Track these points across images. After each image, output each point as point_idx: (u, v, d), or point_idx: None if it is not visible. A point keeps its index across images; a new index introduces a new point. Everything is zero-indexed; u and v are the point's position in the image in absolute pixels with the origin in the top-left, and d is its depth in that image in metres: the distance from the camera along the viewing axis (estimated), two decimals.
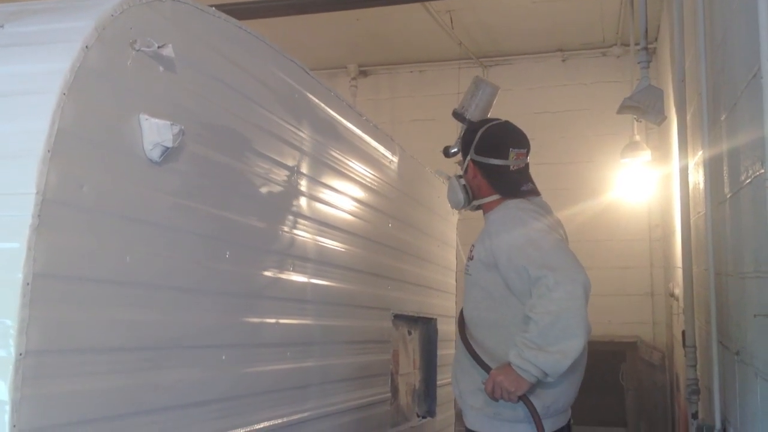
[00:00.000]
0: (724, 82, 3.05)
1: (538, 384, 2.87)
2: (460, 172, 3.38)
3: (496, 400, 2.89)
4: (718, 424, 3.32)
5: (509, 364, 2.82)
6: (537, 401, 2.90)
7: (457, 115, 3.50)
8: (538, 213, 3.09)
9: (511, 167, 3.18)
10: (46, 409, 1.93)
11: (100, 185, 2.14)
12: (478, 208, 3.33)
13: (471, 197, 3.27)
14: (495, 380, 2.86)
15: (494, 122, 3.30)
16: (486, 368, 2.96)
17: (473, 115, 3.41)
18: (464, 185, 3.26)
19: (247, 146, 2.95)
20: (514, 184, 3.19)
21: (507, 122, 3.31)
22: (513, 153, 3.18)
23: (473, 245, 3.18)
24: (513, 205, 3.12)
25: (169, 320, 2.43)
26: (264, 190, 3.07)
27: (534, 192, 3.23)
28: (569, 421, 3.14)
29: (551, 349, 2.73)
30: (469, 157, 3.25)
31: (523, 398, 2.85)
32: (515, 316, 2.92)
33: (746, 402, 2.74)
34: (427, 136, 7.49)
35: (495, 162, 3.19)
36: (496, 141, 3.22)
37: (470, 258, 3.16)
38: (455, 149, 3.41)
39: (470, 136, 3.28)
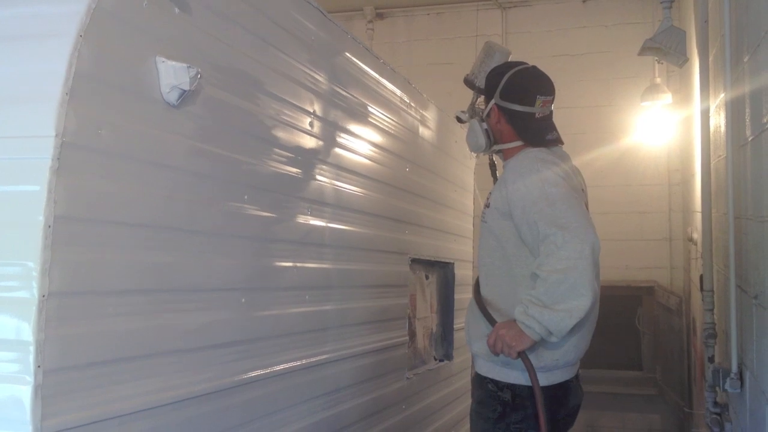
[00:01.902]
0: (748, 22, 3.00)
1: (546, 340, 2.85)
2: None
3: (497, 354, 2.86)
4: (734, 368, 3.34)
5: (514, 320, 2.79)
6: (547, 354, 2.89)
7: (469, 83, 3.42)
8: (557, 166, 2.98)
9: (537, 115, 3.09)
10: (69, 350, 1.97)
11: (118, 128, 2.14)
12: (497, 153, 3.27)
13: (492, 142, 3.19)
14: (498, 333, 2.83)
15: (521, 66, 3.18)
16: (492, 321, 2.93)
17: (481, 79, 3.33)
18: (486, 129, 3.18)
19: (264, 89, 2.94)
20: (539, 132, 3.11)
21: (534, 67, 3.20)
22: (539, 100, 3.08)
23: (490, 192, 3.12)
24: (533, 155, 3.03)
25: (189, 263, 2.45)
26: (281, 133, 3.06)
27: (558, 141, 3.15)
28: (578, 372, 3.14)
29: (557, 308, 2.68)
30: (493, 102, 3.15)
31: (522, 355, 2.81)
32: (525, 268, 2.88)
33: (763, 346, 2.75)
34: (444, 79, 7.40)
35: (520, 109, 3.09)
36: (522, 87, 3.12)
37: (486, 205, 3.10)
38: (467, 115, 3.34)
39: (496, 79, 3.16)
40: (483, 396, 3.04)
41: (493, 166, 3.43)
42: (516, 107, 3.10)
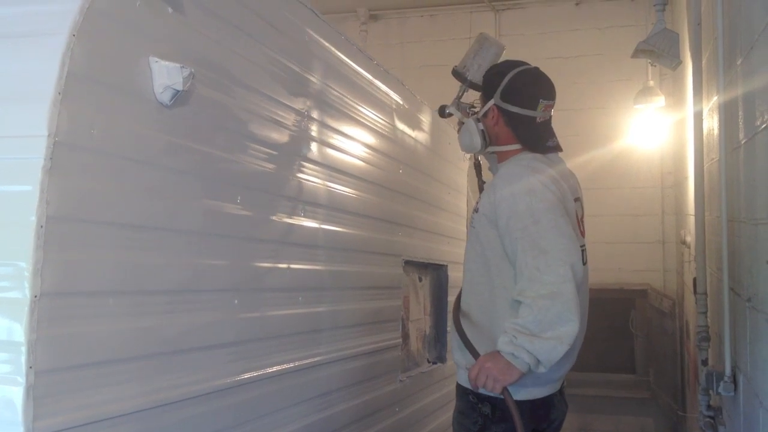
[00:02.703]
0: (741, 24, 3.00)
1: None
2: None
3: (476, 388, 2.72)
4: (728, 371, 3.33)
5: (498, 351, 2.64)
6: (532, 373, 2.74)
7: (458, 75, 3.27)
8: (549, 177, 2.86)
9: (538, 119, 2.97)
10: (62, 351, 1.96)
11: (111, 128, 2.13)
12: (490, 155, 3.13)
13: (487, 143, 3.05)
14: (483, 366, 2.67)
15: (524, 67, 3.04)
16: (474, 353, 2.80)
17: (475, 76, 3.18)
18: (482, 130, 3.02)
19: (258, 90, 2.93)
20: (540, 138, 2.99)
21: (537, 69, 3.07)
22: (542, 104, 2.96)
23: (480, 197, 2.99)
24: (525, 162, 2.90)
25: (181, 264, 2.44)
26: (275, 134, 3.05)
27: (558, 148, 3.04)
28: (562, 387, 3.07)
29: (546, 336, 2.55)
30: (492, 102, 3.00)
31: (506, 391, 2.66)
32: (507, 280, 2.78)
33: (757, 349, 2.75)
34: (438, 81, 7.37)
35: (521, 112, 2.96)
36: (526, 90, 2.98)
37: (476, 210, 2.96)
38: (453, 108, 3.25)
39: (496, 78, 3.02)
40: (464, 407, 2.98)
41: (478, 167, 3.32)
42: (517, 110, 2.96)
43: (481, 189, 3.18)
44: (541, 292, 2.58)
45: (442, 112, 3.31)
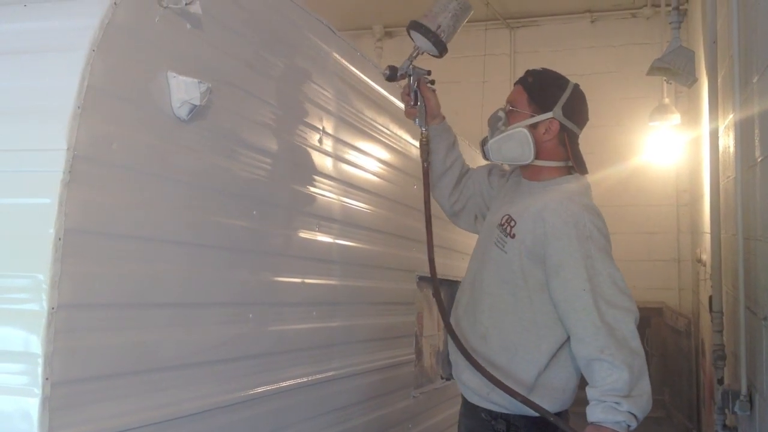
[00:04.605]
0: (757, 43, 3.00)
1: (557, 381, 2.68)
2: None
3: None
4: (743, 390, 3.32)
5: (594, 424, 2.48)
6: (558, 398, 2.71)
7: (428, 33, 2.93)
8: (599, 216, 2.68)
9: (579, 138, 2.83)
10: (78, 363, 1.96)
11: (130, 142, 2.15)
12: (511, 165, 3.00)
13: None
14: None
15: (574, 83, 2.84)
16: (565, 426, 2.63)
17: (449, 38, 2.92)
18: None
19: (274, 105, 2.95)
20: (583, 159, 2.84)
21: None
22: (585, 125, 2.87)
23: (514, 220, 2.73)
24: (578, 199, 2.69)
25: (198, 277, 2.45)
26: (291, 149, 3.07)
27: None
28: None
29: (635, 393, 2.49)
30: (551, 114, 2.74)
31: None
32: (536, 315, 2.65)
33: None
34: (452, 98, 7.41)
35: (575, 129, 2.79)
36: (582, 108, 2.83)
37: (510, 235, 2.71)
38: (402, 72, 3.05)
39: (556, 90, 2.79)
40: (475, 425, 2.85)
41: (426, 147, 2.97)
42: (574, 128, 2.79)
43: (425, 173, 2.97)
44: (624, 350, 2.50)
45: (393, 75, 3.01)
